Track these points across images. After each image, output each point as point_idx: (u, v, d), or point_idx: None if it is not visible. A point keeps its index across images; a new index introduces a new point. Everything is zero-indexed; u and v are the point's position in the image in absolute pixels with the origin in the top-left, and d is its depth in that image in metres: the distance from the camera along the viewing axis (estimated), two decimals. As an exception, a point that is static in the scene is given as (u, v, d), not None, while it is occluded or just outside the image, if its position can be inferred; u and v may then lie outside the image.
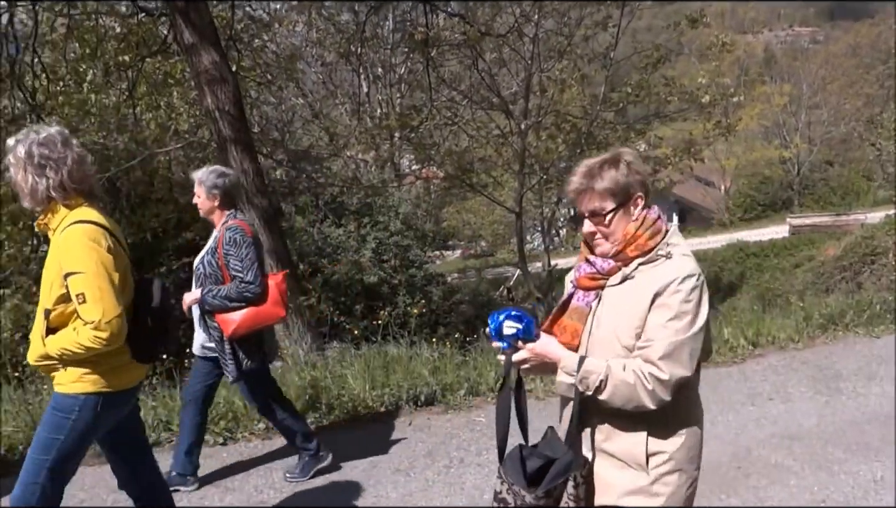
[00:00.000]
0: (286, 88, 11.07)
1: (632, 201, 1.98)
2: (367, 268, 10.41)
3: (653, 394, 1.88)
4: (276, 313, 4.04)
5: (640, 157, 2.15)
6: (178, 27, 6.26)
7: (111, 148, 8.66)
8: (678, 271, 1.90)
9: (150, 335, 2.72)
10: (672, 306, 1.88)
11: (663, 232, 1.99)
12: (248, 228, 4.03)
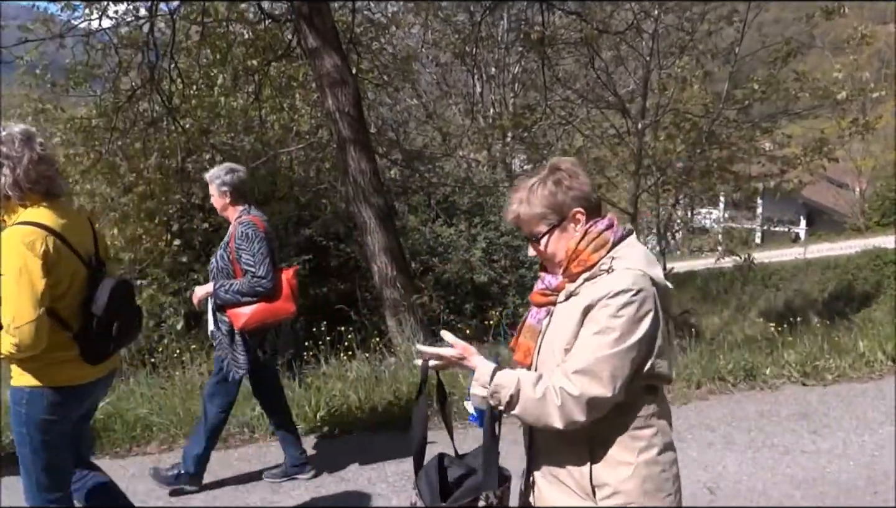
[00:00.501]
0: (402, 90, 11.29)
1: (569, 219, 1.89)
2: (477, 267, 10.43)
3: (561, 411, 1.73)
4: (287, 308, 4.06)
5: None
6: (302, 32, 6.52)
7: (238, 148, 9.11)
8: (612, 286, 1.76)
9: (95, 335, 2.68)
10: (599, 320, 1.75)
11: (610, 244, 1.87)
12: (260, 223, 4.07)
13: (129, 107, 8.28)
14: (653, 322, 1.78)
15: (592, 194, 1.91)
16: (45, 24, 7.91)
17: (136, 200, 8.47)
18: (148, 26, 8.05)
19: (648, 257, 1.88)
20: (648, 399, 1.86)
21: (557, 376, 1.76)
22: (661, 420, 1.89)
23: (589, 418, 1.74)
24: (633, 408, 1.83)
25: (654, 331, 1.79)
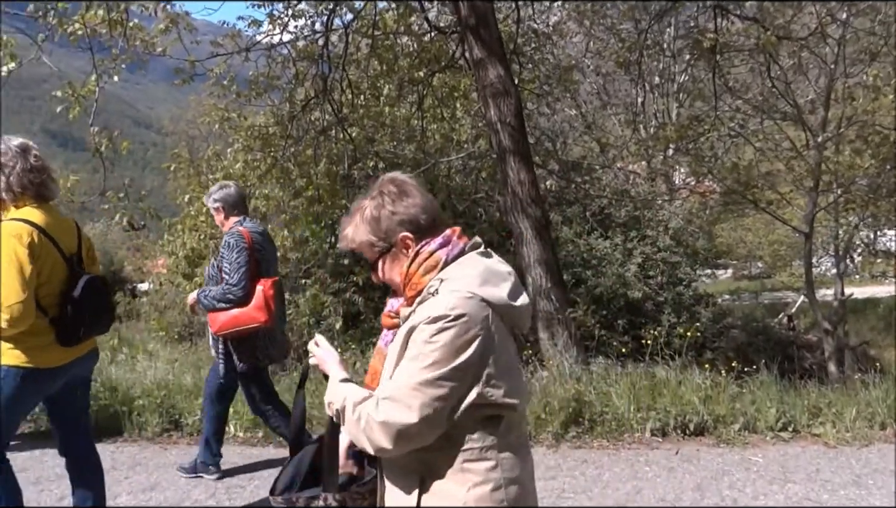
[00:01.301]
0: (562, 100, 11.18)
1: (398, 245, 1.77)
2: (631, 283, 10.09)
3: (367, 435, 1.63)
4: (256, 317, 4.14)
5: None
6: (468, 43, 6.62)
7: (400, 156, 9.41)
8: (430, 311, 1.63)
9: (69, 322, 3.02)
10: (413, 346, 1.63)
11: (441, 265, 1.73)
12: (248, 235, 4.24)
13: (303, 116, 8.79)
14: (478, 348, 1.63)
15: (421, 214, 1.77)
16: (233, 40, 8.58)
17: (304, 203, 8.98)
18: (323, 40, 8.51)
19: (486, 276, 1.72)
20: (487, 430, 1.69)
21: (371, 401, 1.67)
22: (503, 454, 1.71)
23: (398, 446, 1.63)
24: (466, 440, 1.68)
25: (481, 357, 1.64)
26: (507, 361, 1.72)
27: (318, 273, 8.76)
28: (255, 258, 4.26)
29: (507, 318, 1.74)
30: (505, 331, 1.73)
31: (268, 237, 4.60)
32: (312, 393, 5.43)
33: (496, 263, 1.80)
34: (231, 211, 4.44)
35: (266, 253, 4.42)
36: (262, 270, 4.32)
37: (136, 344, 10.62)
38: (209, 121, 10.62)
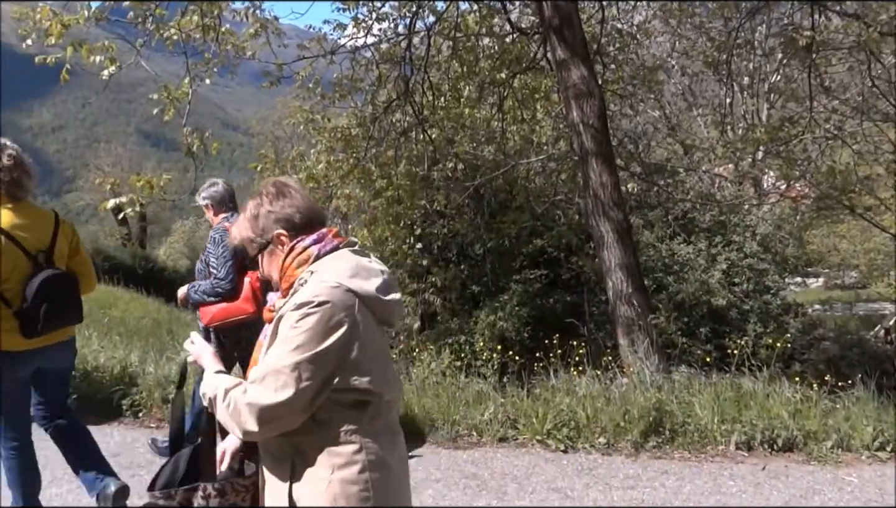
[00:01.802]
0: (646, 101, 10.94)
1: (274, 242, 1.92)
2: (715, 290, 9.76)
3: (235, 419, 1.73)
4: (245, 308, 4.33)
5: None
6: (551, 44, 6.55)
7: (479, 158, 9.40)
8: (297, 298, 1.75)
9: (27, 315, 3.29)
10: (281, 331, 1.75)
11: (313, 258, 1.87)
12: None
13: (385, 118, 8.90)
14: (343, 335, 1.73)
15: (296, 214, 1.91)
16: (319, 43, 8.77)
17: (384, 204, 9.09)
18: (405, 42, 8.59)
19: (357, 269, 1.84)
20: (352, 415, 1.79)
21: (240, 387, 1.76)
22: (368, 438, 1.80)
23: (264, 428, 1.71)
24: (331, 424, 1.78)
25: (345, 343, 1.74)
26: (374, 350, 1.81)
27: (396, 273, 8.86)
28: (239, 253, 4.33)
29: (376, 310, 1.84)
30: (373, 323, 1.83)
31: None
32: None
33: (368, 261, 1.92)
34: (219, 208, 4.65)
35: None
36: (248, 264, 4.25)
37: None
38: (294, 122, 10.89)
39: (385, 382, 1.84)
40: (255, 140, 51.42)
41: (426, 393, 5.65)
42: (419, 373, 6.22)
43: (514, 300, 9.35)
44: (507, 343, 9.07)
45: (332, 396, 1.76)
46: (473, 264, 10.28)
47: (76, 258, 3.64)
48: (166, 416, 5.68)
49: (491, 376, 6.00)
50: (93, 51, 6.28)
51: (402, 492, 1.92)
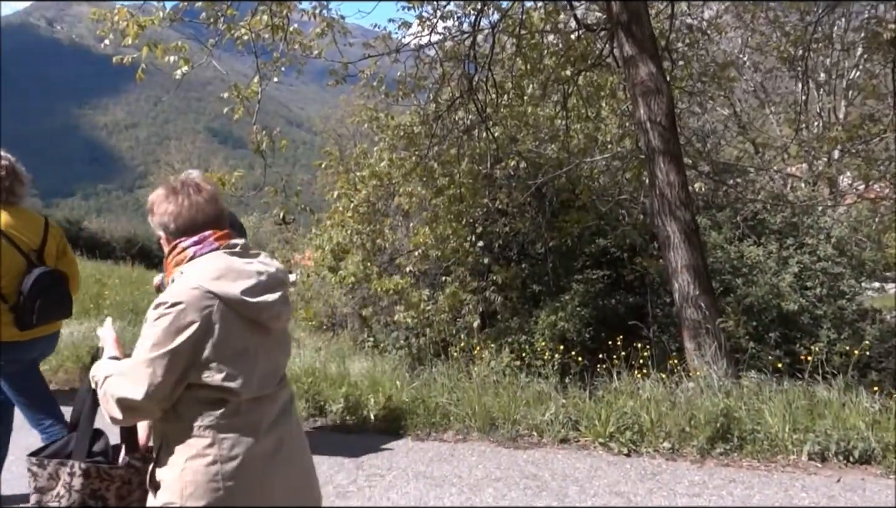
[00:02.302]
0: (716, 98, 10.65)
1: (163, 241, 2.11)
2: (786, 294, 9.44)
3: (105, 404, 1.92)
4: None
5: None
6: (618, 40, 6.43)
7: (542, 156, 9.32)
8: (157, 298, 1.90)
9: (23, 309, 3.58)
10: (143, 330, 1.90)
11: (187, 259, 2.01)
12: None
13: (447, 116, 8.91)
14: (194, 334, 1.86)
15: (171, 222, 2.04)
16: (384, 41, 8.84)
17: (446, 202, 9.10)
18: (470, 40, 8.58)
19: (225, 271, 1.95)
20: (209, 411, 1.91)
21: (114, 377, 1.94)
22: (224, 434, 1.91)
23: (126, 417, 1.91)
24: (189, 417, 1.91)
25: (196, 342, 1.86)
26: (232, 349, 1.92)
27: (457, 271, 8.87)
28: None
29: (243, 311, 1.95)
30: (239, 323, 1.94)
31: (237, 225, 4.68)
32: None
33: (246, 262, 2.03)
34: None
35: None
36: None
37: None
38: (358, 120, 11.02)
39: (242, 380, 1.93)
40: (319, 138, 52.25)
41: (486, 392, 5.63)
42: (479, 371, 6.21)
43: (575, 301, 9.25)
44: (568, 344, 8.98)
45: (190, 391, 1.91)
46: (534, 263, 10.21)
47: (63, 259, 3.97)
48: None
49: (552, 376, 5.95)
50: (167, 51, 6.47)
51: (264, 488, 1.98)
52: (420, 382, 5.89)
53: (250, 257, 2.08)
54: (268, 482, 2.00)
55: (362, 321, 11.89)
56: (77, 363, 6.44)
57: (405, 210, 10.14)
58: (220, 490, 1.90)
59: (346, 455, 4.93)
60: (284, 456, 2.04)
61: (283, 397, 2.12)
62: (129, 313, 10.71)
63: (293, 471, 2.08)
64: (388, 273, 10.02)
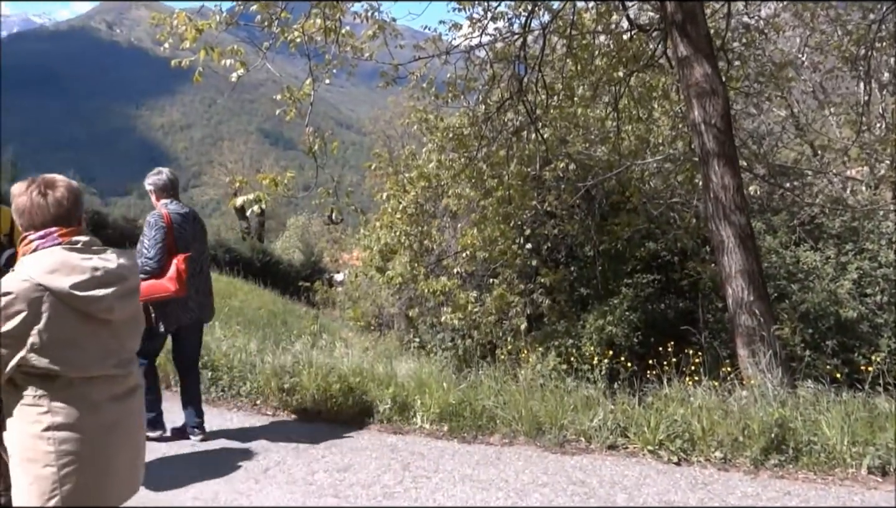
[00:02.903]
0: (772, 99, 10.37)
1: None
2: (844, 301, 9.15)
3: None
4: (167, 287, 4.73)
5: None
6: (672, 40, 6.32)
7: (592, 158, 9.22)
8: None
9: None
10: None
11: (31, 252, 2.28)
12: (167, 215, 4.91)
13: (497, 117, 8.89)
14: (21, 322, 2.12)
15: (19, 218, 2.33)
16: (434, 43, 8.87)
17: (495, 203, 9.08)
18: (520, 41, 8.54)
19: (59, 266, 2.20)
20: (42, 385, 2.20)
21: None
22: (56, 404, 2.21)
23: None
24: (25, 389, 2.20)
25: (22, 330, 2.12)
26: (59, 337, 2.17)
27: (505, 273, 8.83)
28: (172, 236, 4.88)
29: (73, 304, 2.20)
30: (70, 314, 2.20)
31: (190, 219, 5.09)
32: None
33: (82, 259, 2.27)
34: (161, 194, 5.10)
35: (185, 232, 4.99)
36: (179, 246, 4.91)
37: (333, 331, 11.37)
38: (407, 122, 11.08)
39: (71, 364, 2.21)
40: (367, 139, 52.78)
41: (533, 395, 5.59)
42: (526, 375, 6.16)
43: (624, 305, 9.14)
44: (616, 348, 8.87)
45: (22, 368, 2.16)
46: (582, 265, 10.12)
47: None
48: (282, 404, 5.91)
49: (600, 381, 5.87)
50: (223, 54, 6.60)
51: (98, 457, 2.27)
52: (466, 384, 5.87)
53: (92, 254, 2.32)
54: (102, 452, 2.29)
55: (409, 322, 11.95)
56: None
57: (453, 211, 10.15)
58: (51, 454, 2.20)
59: (392, 455, 4.96)
60: (121, 433, 2.35)
61: (129, 381, 2.42)
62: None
63: (125, 448, 2.38)
64: (435, 274, 10.06)
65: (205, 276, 5.28)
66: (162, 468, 4.66)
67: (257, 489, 4.39)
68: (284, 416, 5.81)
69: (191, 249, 5.00)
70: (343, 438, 5.32)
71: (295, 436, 5.29)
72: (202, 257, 5.21)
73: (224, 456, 4.91)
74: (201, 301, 5.19)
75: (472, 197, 9.40)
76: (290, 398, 5.90)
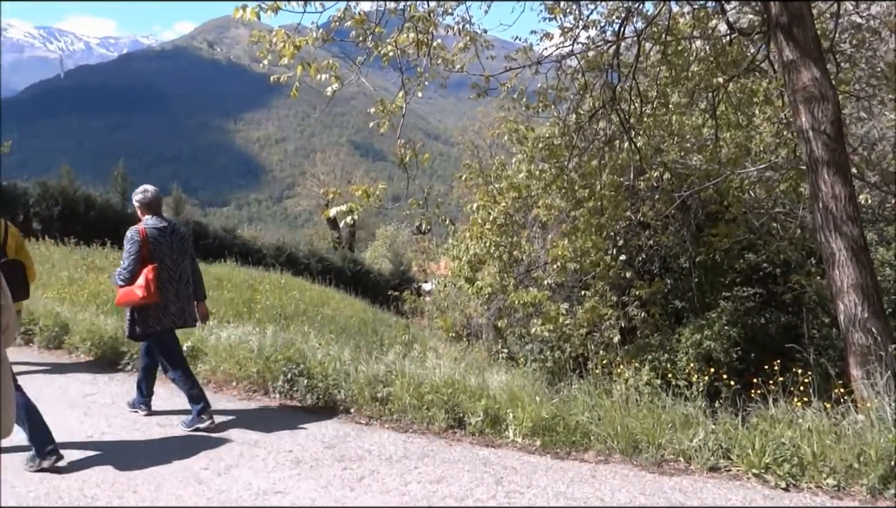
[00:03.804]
0: (886, 103, 9.74)
1: None
2: (969, 317, 8.49)
3: None
4: (136, 294, 5.32)
5: None
6: (777, 44, 6.04)
7: (689, 167, 8.92)
8: None
9: None
10: None
11: None
12: (143, 230, 5.49)
13: (589, 126, 8.74)
14: None
15: None
16: (525, 53, 8.82)
17: (586, 214, 8.92)
18: (613, 49, 8.38)
19: None
20: None
21: None
22: None
23: None
24: None
25: None
26: None
27: (597, 285, 8.65)
28: (147, 248, 5.44)
29: None
30: None
31: (167, 232, 5.62)
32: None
33: None
34: (145, 210, 5.64)
35: (160, 245, 5.54)
36: (154, 257, 5.47)
37: (422, 340, 11.44)
38: (498, 133, 11.06)
39: None
40: (455, 149, 53.15)
41: (629, 411, 5.42)
42: (620, 389, 5.98)
43: (722, 319, 8.79)
44: (714, 364, 8.53)
45: None
46: (677, 277, 9.81)
47: (21, 253, 5.00)
48: (375, 413, 5.98)
49: (698, 398, 5.63)
50: (319, 69, 6.78)
51: None
52: (559, 398, 5.77)
53: None
54: None
55: (497, 332, 11.90)
56: (234, 366, 6.86)
57: (543, 222, 10.05)
58: None
59: (485, 469, 4.92)
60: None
61: None
62: (278, 317, 11.33)
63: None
64: (524, 285, 9.97)
65: (184, 283, 5.77)
66: (263, 474, 4.79)
67: (352, 497, 4.45)
68: (377, 426, 5.87)
69: (166, 259, 5.58)
70: (436, 449, 5.32)
71: (388, 446, 5.34)
72: (180, 267, 5.72)
73: (320, 464, 5.00)
74: (182, 307, 5.72)
75: (562, 207, 9.28)
76: (383, 407, 5.97)
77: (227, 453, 5.15)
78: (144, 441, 5.41)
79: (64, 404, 6.25)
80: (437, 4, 7.31)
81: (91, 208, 24.00)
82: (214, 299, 13.26)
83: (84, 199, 24.09)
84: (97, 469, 4.85)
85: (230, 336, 7.32)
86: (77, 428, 5.65)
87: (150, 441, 5.41)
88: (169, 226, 5.71)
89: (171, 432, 5.59)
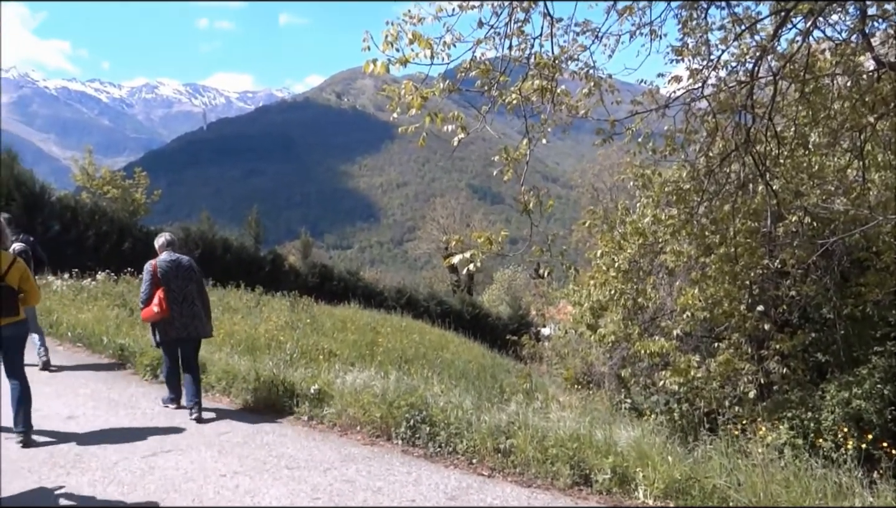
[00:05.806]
0: None
1: None
2: None
3: None
4: (153, 312, 7.18)
5: None
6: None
7: (833, 212, 8.33)
8: None
9: None
10: None
11: None
12: (154, 264, 7.30)
13: (720, 170, 8.37)
14: None
15: None
16: (651, 96, 8.60)
17: (717, 261, 8.49)
18: (746, 89, 8.02)
19: None
20: None
21: None
22: None
23: None
24: None
25: None
26: None
27: (732, 337, 8.17)
28: (157, 277, 7.24)
29: None
30: None
31: (174, 265, 7.32)
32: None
33: None
34: (161, 249, 7.47)
35: (168, 274, 7.26)
36: (163, 283, 7.21)
37: (541, 387, 11.21)
38: (624, 178, 10.82)
39: None
40: (574, 192, 52.63)
41: (773, 477, 5.01)
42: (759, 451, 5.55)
43: (874, 376, 8.06)
44: (865, 425, 7.81)
45: None
46: (819, 329, 9.12)
47: (26, 283, 6.10)
48: (498, 465, 5.86)
49: (851, 466, 5.12)
50: (446, 120, 6.91)
51: None
52: (692, 458, 5.43)
53: None
54: None
55: (620, 382, 11.48)
56: (358, 410, 6.95)
57: (669, 269, 9.67)
58: None
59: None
60: None
61: None
62: (399, 360, 11.46)
63: None
64: (649, 333, 9.58)
65: (189, 303, 7.36)
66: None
67: (476, 553, 4.33)
68: (500, 478, 5.74)
69: (171, 284, 7.25)
70: (560, 507, 5.12)
71: (512, 501, 5.19)
72: (184, 290, 7.34)
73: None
74: (185, 322, 7.33)
75: (691, 254, 8.88)
76: (505, 458, 5.84)
77: (352, 498, 5.19)
78: (272, 480, 5.53)
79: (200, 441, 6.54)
80: (562, 51, 7.29)
81: (227, 250, 25.54)
82: (339, 340, 13.63)
83: (221, 242, 25.68)
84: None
85: (355, 380, 7.44)
86: (211, 467, 5.87)
87: (277, 481, 5.52)
88: (177, 259, 7.45)
89: (297, 475, 5.70)
